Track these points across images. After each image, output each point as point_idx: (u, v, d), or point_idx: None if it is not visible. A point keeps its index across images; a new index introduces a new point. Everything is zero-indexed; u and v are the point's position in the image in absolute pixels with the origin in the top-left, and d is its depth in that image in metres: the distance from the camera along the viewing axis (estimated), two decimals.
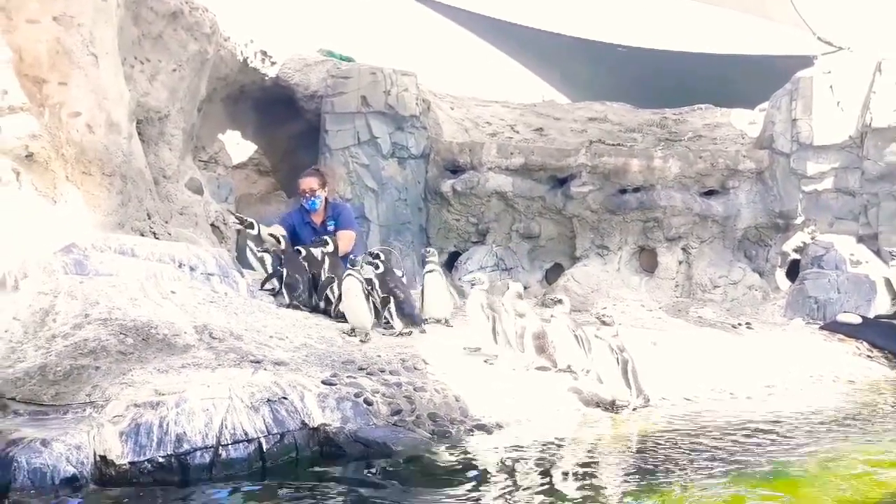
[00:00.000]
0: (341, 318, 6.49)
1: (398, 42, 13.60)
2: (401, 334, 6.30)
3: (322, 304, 6.81)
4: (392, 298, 6.41)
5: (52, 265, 5.51)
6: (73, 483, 3.80)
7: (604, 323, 5.69)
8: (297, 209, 7.95)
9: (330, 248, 7.02)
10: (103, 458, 3.95)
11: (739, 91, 12.45)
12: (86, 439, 3.95)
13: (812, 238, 10.11)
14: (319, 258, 6.98)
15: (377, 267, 6.56)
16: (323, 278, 6.85)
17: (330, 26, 12.86)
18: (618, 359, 5.51)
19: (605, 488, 4.05)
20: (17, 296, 5.31)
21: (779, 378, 6.87)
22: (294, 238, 7.50)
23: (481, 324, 6.03)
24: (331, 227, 7.71)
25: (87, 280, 5.51)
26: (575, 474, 4.29)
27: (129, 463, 3.96)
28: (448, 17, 15.76)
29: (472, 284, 6.28)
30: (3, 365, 4.64)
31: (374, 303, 6.33)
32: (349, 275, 6.21)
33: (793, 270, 10.23)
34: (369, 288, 6.33)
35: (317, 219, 7.71)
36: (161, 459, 4.02)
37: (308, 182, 7.67)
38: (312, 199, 7.64)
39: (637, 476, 4.24)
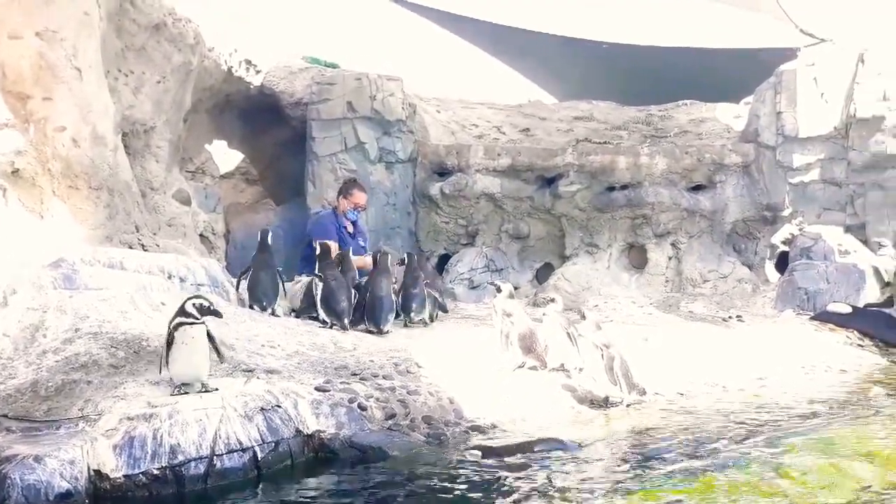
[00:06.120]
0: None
1: (382, 47, 13.59)
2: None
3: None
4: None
5: (41, 280, 5.49)
6: (67, 499, 3.79)
7: (583, 316, 5.75)
8: (331, 211, 8.31)
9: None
10: (97, 472, 3.94)
11: (725, 85, 12.46)
12: (79, 454, 3.94)
13: (800, 230, 10.13)
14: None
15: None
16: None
17: (314, 33, 12.84)
18: (602, 355, 5.54)
19: (597, 485, 4.06)
20: (6, 312, 5.28)
21: (771, 369, 6.89)
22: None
23: (562, 342, 5.87)
24: (362, 243, 8.22)
25: (76, 294, 5.49)
26: (568, 472, 4.29)
27: (124, 476, 3.96)
28: (431, 19, 15.76)
29: (497, 289, 6.23)
30: None
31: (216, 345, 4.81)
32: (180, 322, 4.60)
33: (782, 262, 10.26)
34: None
35: (347, 225, 8.11)
36: (156, 471, 4.02)
37: (365, 197, 8.18)
38: (361, 212, 8.20)
39: (627, 472, 4.25)
